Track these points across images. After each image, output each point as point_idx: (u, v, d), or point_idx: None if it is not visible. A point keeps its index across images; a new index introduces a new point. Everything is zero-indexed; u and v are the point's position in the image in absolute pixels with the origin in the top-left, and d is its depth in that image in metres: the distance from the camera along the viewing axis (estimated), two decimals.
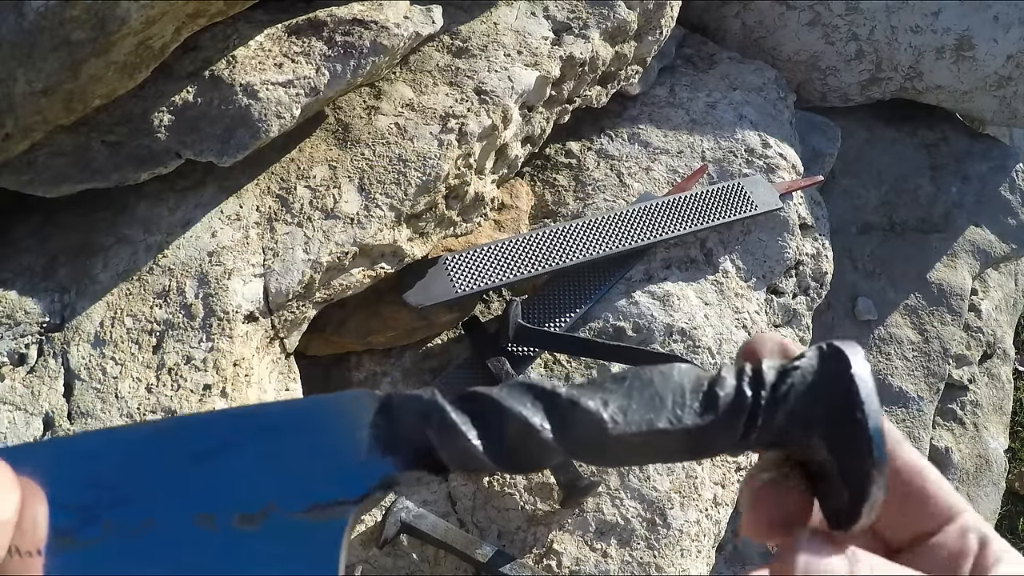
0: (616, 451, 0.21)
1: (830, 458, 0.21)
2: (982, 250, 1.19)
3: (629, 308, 0.81)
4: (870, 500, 0.20)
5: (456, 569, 0.67)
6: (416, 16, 0.70)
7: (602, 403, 0.21)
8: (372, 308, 0.74)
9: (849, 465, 0.20)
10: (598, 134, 0.96)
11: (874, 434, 0.20)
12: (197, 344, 0.58)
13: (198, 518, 0.19)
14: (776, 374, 0.21)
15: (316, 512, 0.20)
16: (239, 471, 0.20)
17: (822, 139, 1.14)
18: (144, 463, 0.20)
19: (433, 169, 0.67)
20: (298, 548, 0.19)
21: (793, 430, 0.21)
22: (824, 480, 0.21)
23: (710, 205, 0.85)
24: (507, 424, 0.21)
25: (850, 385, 0.20)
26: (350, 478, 0.20)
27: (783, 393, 0.21)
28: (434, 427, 0.21)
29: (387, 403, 0.21)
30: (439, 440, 0.21)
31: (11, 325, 0.58)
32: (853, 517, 0.20)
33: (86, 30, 0.51)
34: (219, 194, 0.65)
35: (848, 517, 0.20)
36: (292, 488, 0.20)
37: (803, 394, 0.21)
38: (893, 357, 1.09)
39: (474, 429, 0.21)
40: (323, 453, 0.21)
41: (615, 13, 0.84)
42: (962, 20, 1.10)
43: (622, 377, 0.22)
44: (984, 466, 1.17)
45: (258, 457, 0.20)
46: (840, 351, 0.21)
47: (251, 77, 0.63)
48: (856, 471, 0.20)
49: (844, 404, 0.20)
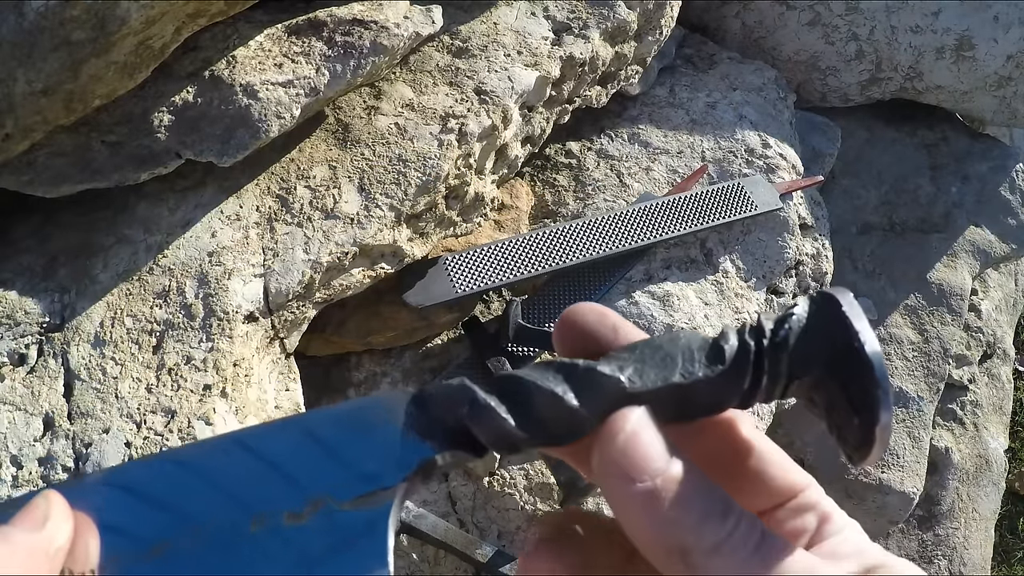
0: None
1: (839, 393, 0.22)
2: (982, 250, 1.19)
3: (629, 308, 0.81)
4: (881, 423, 0.21)
5: (456, 569, 0.67)
6: (416, 16, 0.70)
7: (618, 367, 0.22)
8: (372, 308, 0.74)
9: (855, 394, 0.22)
10: (598, 134, 0.96)
11: (873, 359, 0.21)
12: (197, 344, 0.58)
13: (248, 522, 0.20)
14: (774, 323, 0.23)
15: (360, 502, 0.20)
16: (285, 471, 0.21)
17: (822, 139, 1.14)
18: (191, 479, 0.21)
19: (433, 169, 0.67)
20: (347, 539, 0.20)
21: (797, 370, 0.23)
22: (836, 415, 0.23)
23: (710, 205, 0.85)
24: (533, 397, 0.22)
25: (844, 320, 0.22)
26: (389, 464, 0.21)
27: (783, 338, 0.23)
28: (466, 408, 0.22)
29: (420, 395, 0.22)
30: (473, 420, 0.22)
31: (11, 325, 0.58)
32: (868, 442, 0.21)
33: (86, 30, 0.51)
34: (219, 194, 0.65)
35: (864, 442, 0.22)
36: (335, 481, 0.21)
37: (801, 336, 0.23)
38: (893, 357, 1.09)
39: (503, 405, 0.22)
40: (362, 446, 0.21)
41: (615, 13, 0.84)
42: (962, 20, 1.10)
43: (633, 347, 0.23)
44: (984, 466, 1.17)
45: (300, 457, 0.21)
46: (829, 295, 0.23)
47: (251, 77, 0.63)
48: (862, 398, 0.21)
49: (841, 338, 0.22)
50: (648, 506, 0.20)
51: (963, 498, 1.15)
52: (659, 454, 0.21)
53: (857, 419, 0.22)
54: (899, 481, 1.02)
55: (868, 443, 0.22)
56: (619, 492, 0.21)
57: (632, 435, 0.21)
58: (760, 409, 0.80)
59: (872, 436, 0.21)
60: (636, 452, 0.21)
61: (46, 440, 0.54)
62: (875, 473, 1.02)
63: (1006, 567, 1.41)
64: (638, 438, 0.21)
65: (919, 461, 1.04)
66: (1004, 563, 1.41)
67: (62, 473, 0.53)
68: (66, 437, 0.54)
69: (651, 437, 0.21)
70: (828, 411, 0.23)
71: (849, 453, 0.23)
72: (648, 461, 0.21)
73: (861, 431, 0.22)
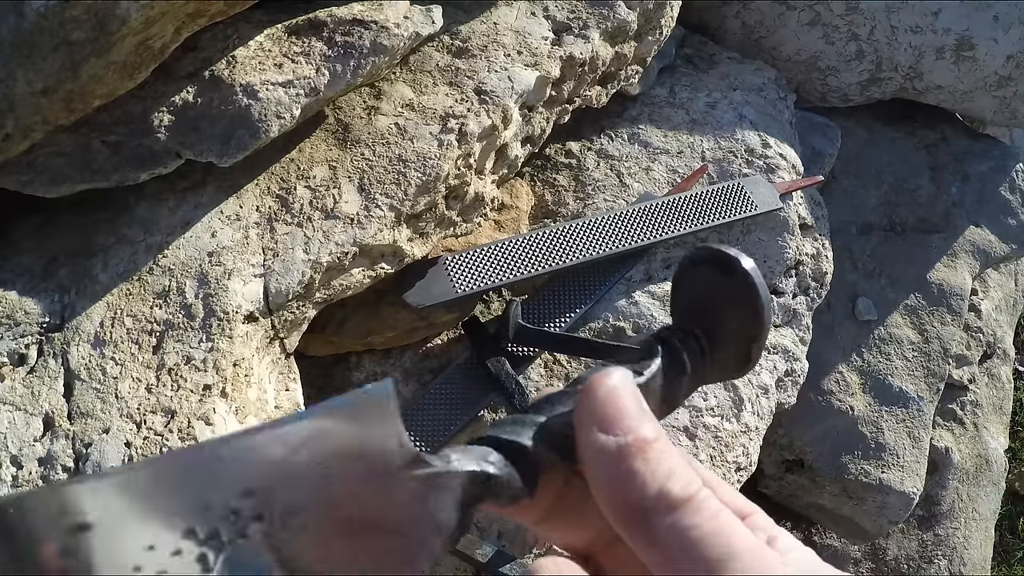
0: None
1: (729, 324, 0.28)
2: (982, 250, 1.19)
3: (629, 308, 0.81)
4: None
5: (456, 569, 0.67)
6: (416, 16, 0.70)
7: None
8: (372, 308, 0.74)
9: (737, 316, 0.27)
10: (598, 134, 0.96)
11: (751, 271, 0.27)
12: (197, 344, 0.58)
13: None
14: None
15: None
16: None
17: (822, 139, 1.14)
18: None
19: (433, 169, 0.67)
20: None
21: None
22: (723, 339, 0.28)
23: (710, 205, 0.85)
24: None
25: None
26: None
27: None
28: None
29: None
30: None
31: (11, 325, 0.58)
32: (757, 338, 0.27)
33: (86, 30, 0.51)
34: (219, 194, 0.65)
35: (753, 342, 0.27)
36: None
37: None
38: (893, 357, 1.09)
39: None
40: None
41: (615, 13, 0.84)
42: (962, 20, 1.10)
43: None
44: (984, 466, 1.17)
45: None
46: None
47: (251, 77, 0.63)
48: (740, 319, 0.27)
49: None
50: (617, 459, 0.21)
51: (963, 498, 1.15)
52: (635, 413, 0.22)
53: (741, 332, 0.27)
54: (899, 481, 1.02)
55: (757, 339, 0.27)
56: (592, 444, 0.22)
57: (612, 390, 0.22)
58: (760, 409, 0.80)
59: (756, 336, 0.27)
60: (614, 406, 0.22)
61: (46, 440, 0.54)
62: (875, 473, 1.02)
63: (1006, 567, 1.41)
64: (617, 394, 0.22)
65: (919, 461, 1.04)
66: (1004, 563, 1.41)
67: (62, 473, 0.53)
68: (66, 437, 0.54)
69: (629, 397, 0.23)
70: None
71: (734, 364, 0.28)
72: (623, 418, 0.22)
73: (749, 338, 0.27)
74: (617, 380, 0.23)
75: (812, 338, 0.90)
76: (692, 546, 0.20)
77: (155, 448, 0.54)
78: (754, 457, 0.79)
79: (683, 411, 0.77)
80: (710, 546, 0.20)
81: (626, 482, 0.21)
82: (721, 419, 0.77)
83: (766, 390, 0.82)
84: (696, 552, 0.20)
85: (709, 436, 0.76)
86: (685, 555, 0.20)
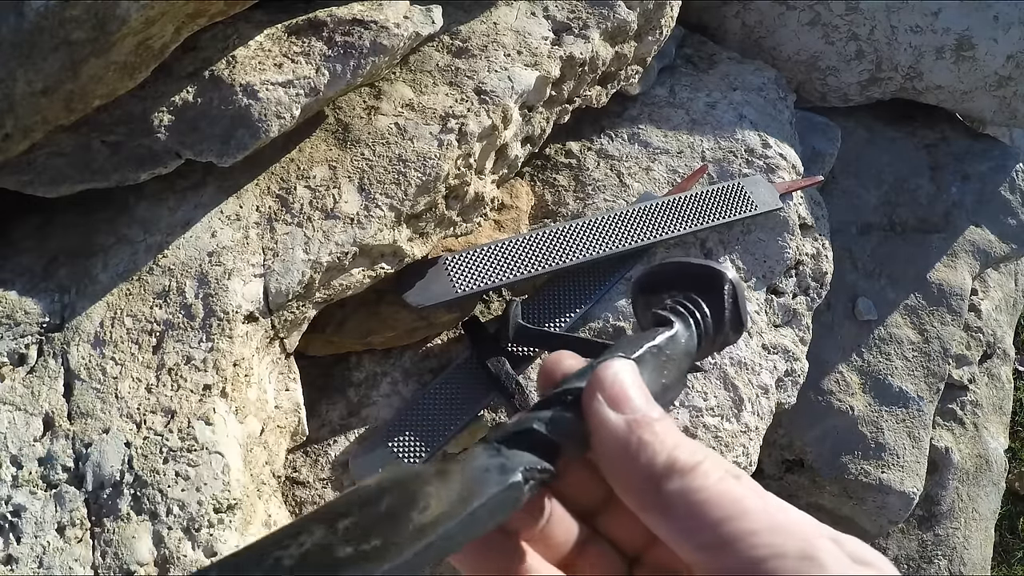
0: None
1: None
2: (982, 250, 1.19)
3: (629, 308, 0.81)
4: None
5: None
6: (416, 16, 0.70)
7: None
8: (372, 308, 0.74)
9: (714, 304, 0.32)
10: (598, 134, 0.96)
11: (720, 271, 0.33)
12: (197, 344, 0.58)
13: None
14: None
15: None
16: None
17: (822, 139, 1.14)
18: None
19: (433, 169, 0.67)
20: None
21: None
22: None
23: (710, 205, 0.85)
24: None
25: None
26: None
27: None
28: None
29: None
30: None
31: (11, 325, 0.58)
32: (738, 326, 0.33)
33: (86, 30, 0.51)
34: (219, 194, 0.65)
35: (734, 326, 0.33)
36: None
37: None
38: (893, 357, 1.09)
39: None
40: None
41: (615, 13, 0.84)
42: (962, 20, 1.10)
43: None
44: (984, 466, 1.17)
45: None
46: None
47: (251, 77, 0.63)
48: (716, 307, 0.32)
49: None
50: (628, 432, 0.23)
51: (963, 498, 1.15)
52: (642, 396, 0.25)
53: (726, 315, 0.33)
54: (899, 481, 1.02)
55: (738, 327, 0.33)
56: (605, 421, 0.24)
57: (616, 375, 0.25)
58: (760, 409, 0.80)
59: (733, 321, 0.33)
60: (620, 388, 0.24)
61: (46, 440, 0.54)
62: (875, 473, 1.02)
63: (1006, 567, 1.41)
64: (622, 378, 0.25)
65: (919, 461, 1.04)
66: (1004, 563, 1.41)
67: (62, 473, 0.53)
68: (66, 437, 0.54)
69: (633, 381, 0.25)
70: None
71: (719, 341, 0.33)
72: (630, 398, 0.24)
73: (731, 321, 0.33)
74: (619, 367, 0.25)
75: (812, 338, 0.90)
76: (701, 507, 0.21)
77: (155, 448, 0.54)
78: (754, 457, 0.79)
79: (683, 411, 0.77)
80: (718, 506, 0.21)
81: (638, 451, 0.23)
82: (721, 419, 0.77)
83: (766, 390, 0.82)
84: (705, 513, 0.21)
85: (709, 436, 0.76)
86: (695, 516, 0.21)
